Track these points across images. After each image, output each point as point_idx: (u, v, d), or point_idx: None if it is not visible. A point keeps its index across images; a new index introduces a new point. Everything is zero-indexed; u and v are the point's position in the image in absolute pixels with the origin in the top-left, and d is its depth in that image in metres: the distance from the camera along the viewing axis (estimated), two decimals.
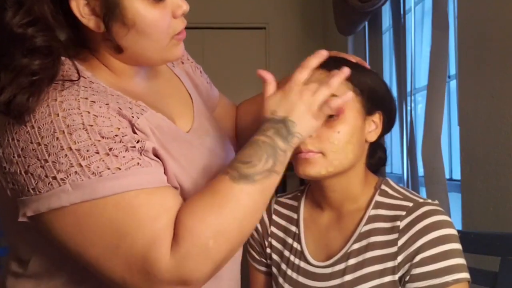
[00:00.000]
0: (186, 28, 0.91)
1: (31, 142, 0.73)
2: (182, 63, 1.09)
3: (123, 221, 0.74)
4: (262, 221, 1.09)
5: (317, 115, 0.83)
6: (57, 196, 0.72)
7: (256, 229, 1.09)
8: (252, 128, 1.13)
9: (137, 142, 0.77)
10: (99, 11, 0.78)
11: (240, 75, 3.71)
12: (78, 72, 0.79)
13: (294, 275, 0.99)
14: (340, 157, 0.91)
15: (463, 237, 0.93)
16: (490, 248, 1.17)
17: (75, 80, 0.78)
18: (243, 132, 1.17)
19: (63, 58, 0.80)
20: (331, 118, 0.90)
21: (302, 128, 0.82)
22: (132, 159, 0.76)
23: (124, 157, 0.75)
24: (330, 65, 0.94)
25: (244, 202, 0.77)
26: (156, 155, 0.81)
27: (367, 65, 1.00)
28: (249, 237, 1.11)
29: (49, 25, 0.76)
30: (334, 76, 0.85)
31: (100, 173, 0.73)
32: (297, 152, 0.91)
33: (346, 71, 0.86)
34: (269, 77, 0.88)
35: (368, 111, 0.94)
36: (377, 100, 0.95)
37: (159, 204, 0.76)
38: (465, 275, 0.87)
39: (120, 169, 0.74)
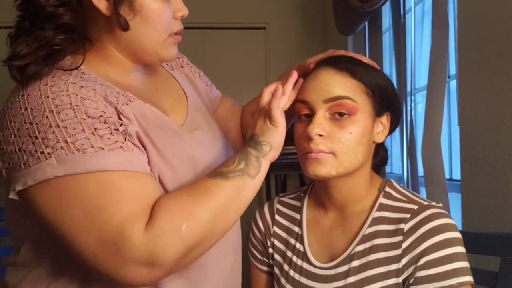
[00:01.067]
0: (186, 28, 0.94)
1: (25, 122, 0.80)
2: (182, 67, 1.14)
3: (103, 197, 0.78)
4: (264, 221, 1.09)
5: (273, 119, 0.90)
6: (43, 169, 0.78)
7: (259, 229, 1.09)
8: None
9: (120, 126, 0.82)
10: None
11: (240, 75, 3.70)
12: (82, 62, 0.88)
13: (297, 276, 0.99)
14: (350, 158, 0.90)
15: (463, 237, 0.93)
16: (490, 248, 1.16)
17: (68, 70, 0.86)
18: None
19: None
20: (342, 117, 0.90)
21: (266, 136, 0.90)
22: (116, 142, 0.81)
23: (108, 139, 0.80)
24: (339, 63, 0.94)
25: (217, 195, 0.84)
26: (140, 141, 0.85)
27: (376, 65, 0.99)
28: (251, 237, 1.11)
29: (74, 7, 0.86)
30: (286, 83, 0.93)
31: (84, 150, 0.78)
32: (306, 152, 0.91)
33: (294, 74, 0.94)
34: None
35: (378, 112, 0.94)
36: (387, 101, 0.95)
37: (139, 188, 0.81)
38: (469, 278, 0.87)
39: (103, 149, 0.79)
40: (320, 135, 0.90)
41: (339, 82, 0.91)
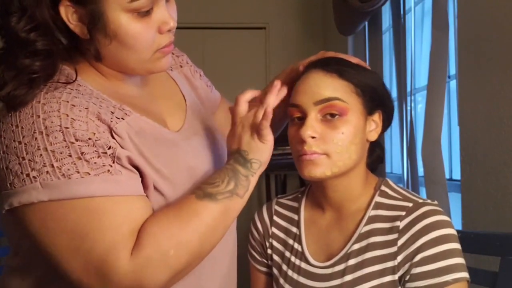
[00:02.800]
0: (186, 28, 0.92)
1: (14, 140, 0.78)
2: (181, 66, 1.10)
3: (87, 224, 0.77)
4: (263, 222, 1.09)
5: (263, 137, 0.87)
6: (28, 193, 0.77)
7: (257, 230, 1.09)
8: None
9: (109, 149, 0.80)
10: (85, 19, 0.81)
11: (240, 75, 3.70)
12: (75, 79, 0.84)
13: (295, 276, 0.99)
14: (344, 158, 0.91)
15: (463, 237, 0.93)
16: (490, 248, 1.16)
17: (63, 83, 0.82)
18: None
19: None
20: (334, 118, 0.91)
21: (255, 154, 0.88)
22: (103, 165, 0.79)
23: (95, 163, 0.78)
24: (328, 65, 0.94)
25: (205, 218, 0.82)
26: (132, 163, 0.83)
27: (366, 65, 1.00)
28: (250, 238, 1.11)
29: (49, 29, 0.81)
30: (268, 94, 0.89)
31: (69, 175, 0.76)
32: (301, 154, 0.91)
33: (277, 84, 0.91)
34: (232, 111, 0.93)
35: (369, 111, 0.95)
36: (377, 99, 0.96)
37: (124, 213, 0.79)
38: (465, 274, 0.87)
39: (89, 174, 0.77)
40: (313, 137, 0.90)
41: (328, 83, 0.92)
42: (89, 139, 0.78)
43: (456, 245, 0.89)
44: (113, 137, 0.82)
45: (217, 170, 0.89)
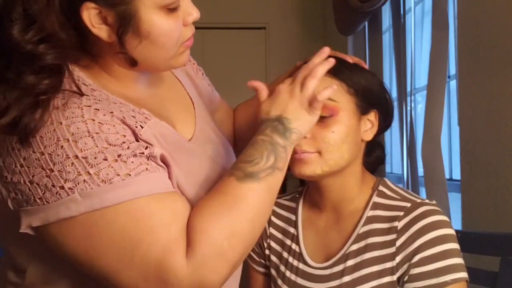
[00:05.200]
0: None
1: (33, 152, 0.71)
2: (184, 64, 1.08)
3: (136, 229, 0.72)
4: None
5: (310, 110, 0.85)
6: (66, 206, 0.70)
7: None
8: (249, 133, 1.12)
9: (146, 149, 0.76)
10: (111, 21, 0.75)
11: (240, 75, 3.70)
12: (78, 87, 0.76)
13: (293, 277, 0.99)
14: (336, 157, 0.91)
15: (463, 237, 0.93)
16: (490, 248, 1.16)
17: (78, 93, 0.75)
18: (240, 136, 1.16)
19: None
20: (325, 118, 0.90)
21: (298, 123, 0.83)
22: (141, 164, 0.74)
23: (132, 162, 0.73)
24: None
25: (252, 201, 0.78)
26: (164, 161, 0.79)
27: (365, 64, 0.99)
28: None
29: (60, 40, 0.73)
30: (319, 66, 0.86)
31: (110, 180, 0.71)
32: (293, 153, 0.91)
33: (331, 61, 0.87)
34: (259, 85, 0.90)
35: (363, 110, 0.94)
36: (372, 99, 0.95)
37: (170, 210, 0.75)
38: (464, 274, 0.87)
39: (130, 175, 0.72)
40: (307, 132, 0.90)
41: (321, 83, 0.92)
42: (123, 142, 0.73)
43: (455, 245, 0.88)
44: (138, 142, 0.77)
45: (252, 144, 0.83)
